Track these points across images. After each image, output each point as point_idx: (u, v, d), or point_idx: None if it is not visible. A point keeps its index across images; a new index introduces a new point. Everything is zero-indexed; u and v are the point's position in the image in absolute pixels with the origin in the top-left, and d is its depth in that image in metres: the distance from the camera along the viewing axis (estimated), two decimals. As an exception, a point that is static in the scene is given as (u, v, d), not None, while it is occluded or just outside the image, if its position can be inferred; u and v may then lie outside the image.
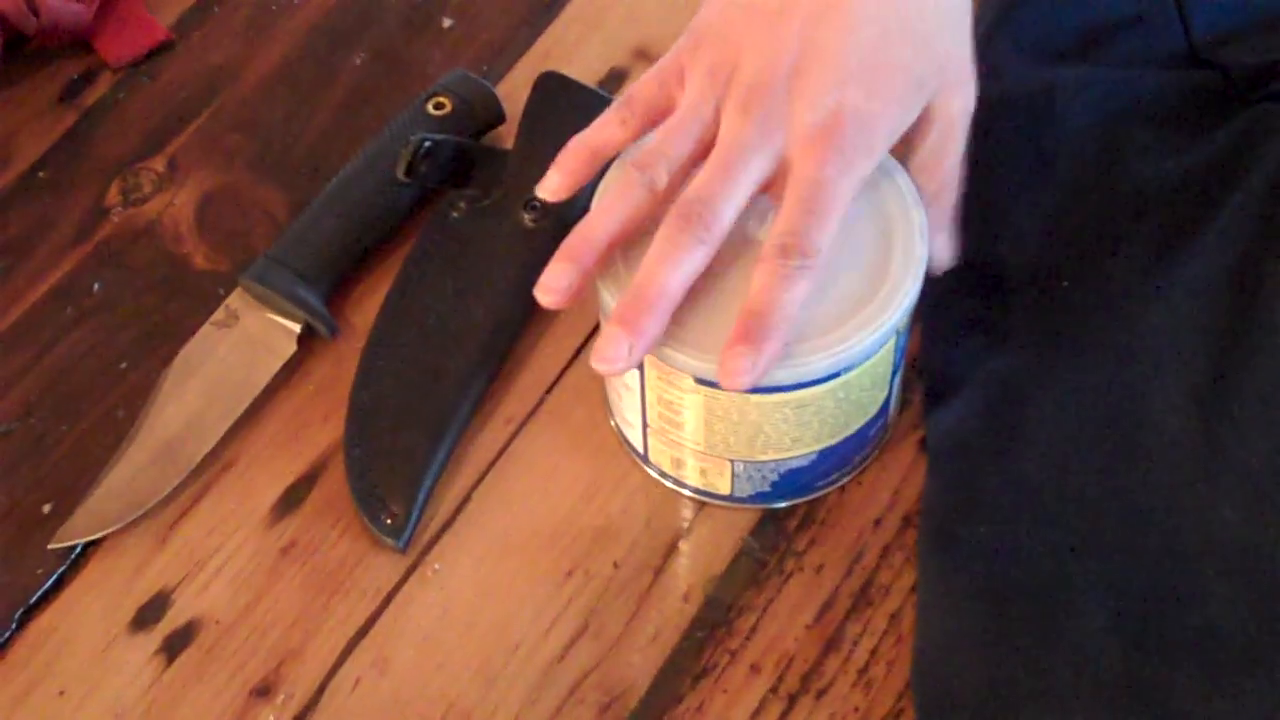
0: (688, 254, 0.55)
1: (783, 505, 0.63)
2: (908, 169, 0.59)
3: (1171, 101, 0.68)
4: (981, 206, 0.64)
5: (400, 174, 0.67)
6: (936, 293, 0.60)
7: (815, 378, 0.57)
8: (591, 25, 0.76)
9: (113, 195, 0.72)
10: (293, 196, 0.71)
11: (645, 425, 0.62)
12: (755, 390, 0.57)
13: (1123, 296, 0.63)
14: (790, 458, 0.60)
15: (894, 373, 0.61)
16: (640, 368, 0.59)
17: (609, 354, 0.54)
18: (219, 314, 0.67)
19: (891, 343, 0.58)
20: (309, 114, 0.74)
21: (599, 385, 0.66)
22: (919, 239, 0.58)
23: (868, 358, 0.58)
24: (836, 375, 0.57)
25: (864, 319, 0.57)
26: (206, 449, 0.65)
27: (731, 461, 0.61)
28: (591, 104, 0.70)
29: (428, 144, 0.67)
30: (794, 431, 0.59)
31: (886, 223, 0.58)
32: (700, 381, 0.57)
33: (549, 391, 0.67)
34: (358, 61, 0.75)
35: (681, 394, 0.58)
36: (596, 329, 0.68)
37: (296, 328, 0.67)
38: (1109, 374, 0.61)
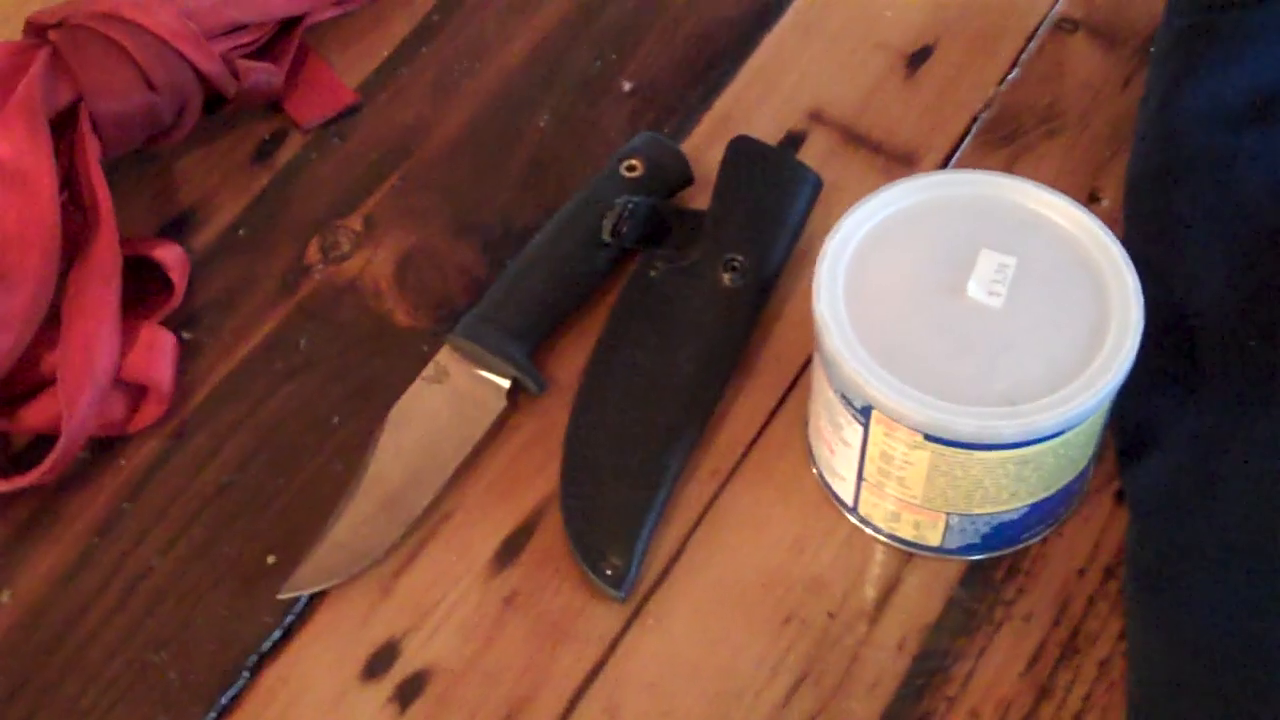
0: None
1: (988, 556, 0.65)
2: None
3: (1346, 165, 0.70)
4: (1166, 267, 0.66)
5: (606, 235, 0.69)
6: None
7: (1040, 435, 0.59)
8: (767, 88, 0.78)
9: (313, 253, 0.74)
10: (488, 256, 0.73)
11: (860, 479, 0.64)
12: (981, 446, 0.59)
13: (1310, 354, 0.66)
14: (1004, 511, 0.63)
15: (1103, 429, 0.63)
16: (865, 425, 0.61)
17: None
18: (430, 370, 0.69)
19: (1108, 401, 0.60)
20: (497, 175, 0.76)
21: (801, 439, 0.68)
22: (1134, 301, 0.61)
23: (1089, 416, 0.60)
24: (1060, 434, 0.60)
25: (1088, 379, 0.59)
26: (427, 501, 0.66)
27: (947, 515, 0.63)
28: (782, 166, 0.73)
29: (631, 205, 0.69)
30: (1012, 486, 0.61)
31: (1100, 284, 0.61)
32: (929, 439, 0.60)
33: (752, 445, 0.69)
34: (541, 124, 0.77)
35: (909, 450, 0.61)
36: (794, 385, 0.70)
37: (506, 383, 0.68)
38: (1303, 428, 0.64)
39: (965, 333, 0.60)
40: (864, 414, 0.61)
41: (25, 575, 0.66)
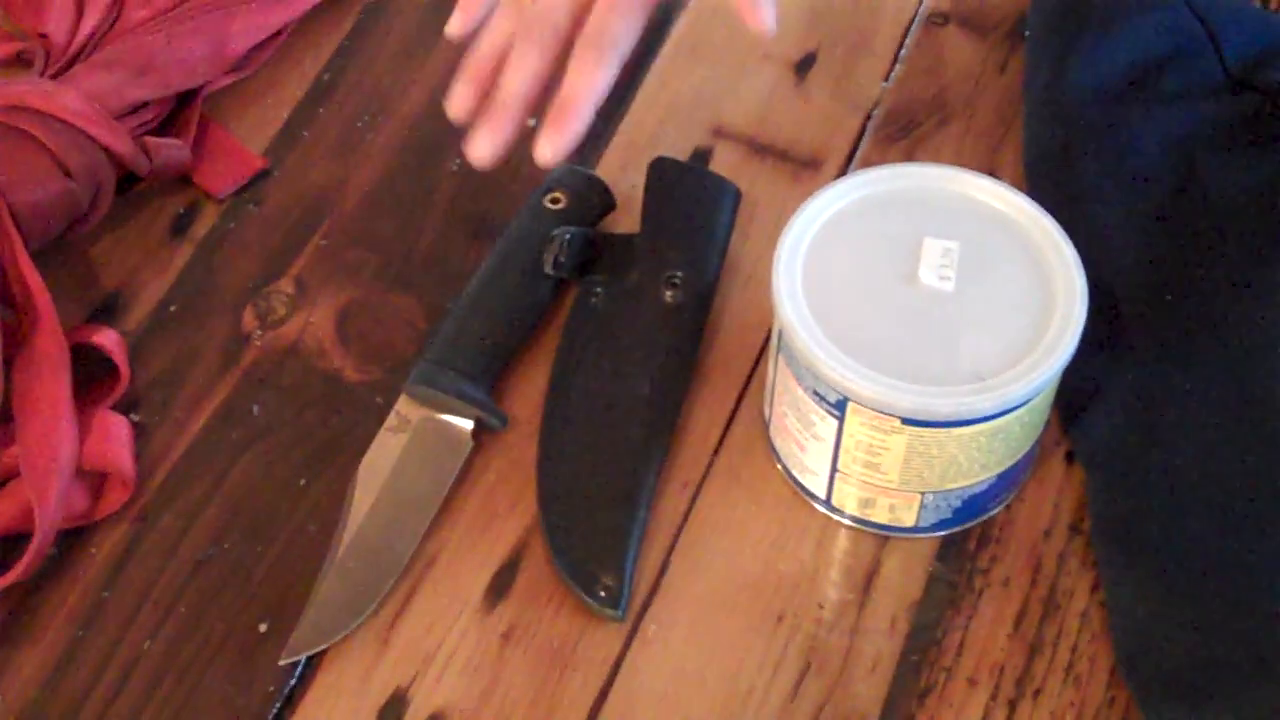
0: (532, 60, 0.68)
1: (959, 529, 0.67)
2: None
3: (1225, 125, 0.74)
4: (1077, 237, 0.69)
5: (548, 268, 0.70)
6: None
7: (1010, 405, 0.62)
8: (667, 109, 0.80)
9: (249, 320, 0.74)
10: (425, 302, 0.74)
11: (834, 471, 0.66)
12: (957, 423, 0.62)
13: (1224, 301, 0.69)
14: (973, 484, 0.65)
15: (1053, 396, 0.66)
16: (840, 418, 0.63)
17: (480, 145, 0.69)
18: (391, 420, 0.69)
19: (1060, 367, 0.63)
20: (419, 222, 0.77)
21: (762, 440, 0.70)
22: (1076, 270, 0.64)
23: (1051, 382, 0.63)
24: (1026, 402, 0.62)
25: (1047, 346, 0.62)
26: (411, 549, 0.67)
27: (922, 494, 0.65)
28: (704, 182, 0.75)
29: (568, 236, 0.71)
30: (982, 459, 0.64)
31: (1039, 258, 0.64)
32: (907, 422, 0.62)
33: (716, 453, 0.70)
34: (453, 168, 0.78)
35: (885, 436, 0.63)
36: (746, 389, 0.72)
37: (469, 424, 0.69)
38: (1229, 369, 0.67)
39: (924, 318, 0.63)
40: (839, 407, 0.63)
41: (12, 678, 0.65)
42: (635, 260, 0.72)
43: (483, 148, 0.69)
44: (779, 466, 0.68)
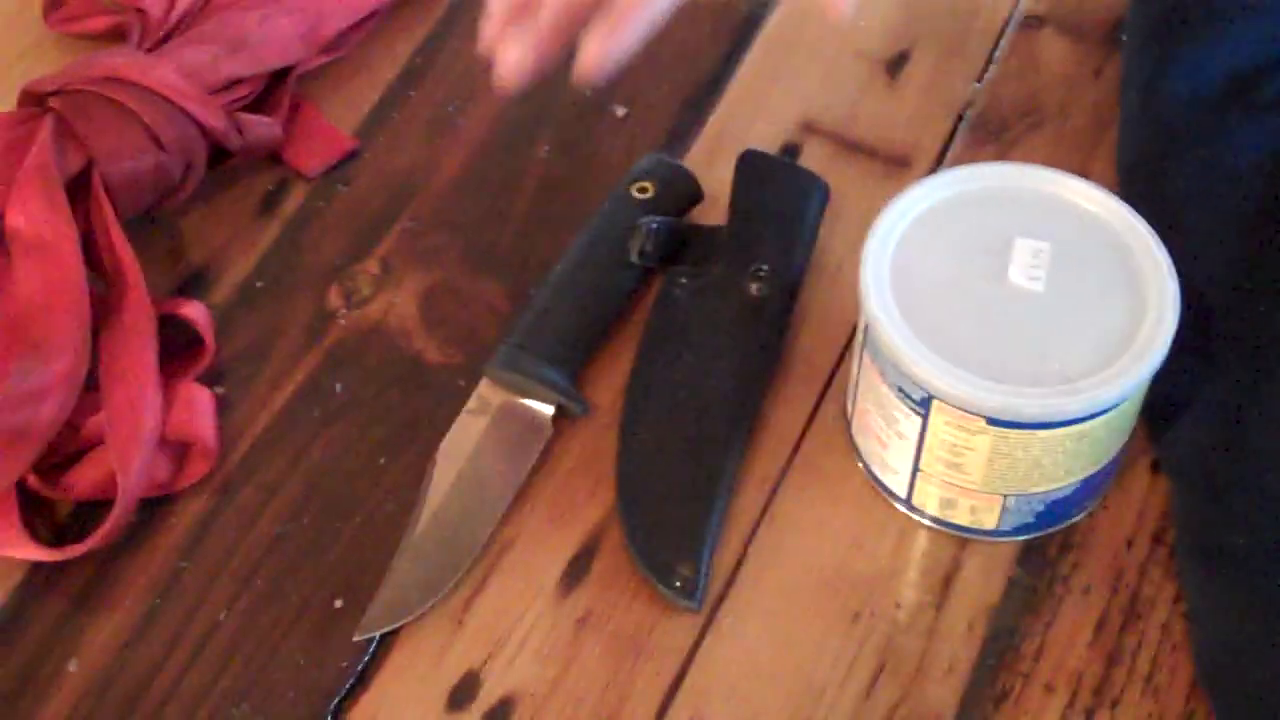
0: None
1: (1041, 534, 0.67)
2: None
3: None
4: (1169, 245, 0.68)
5: (634, 256, 0.70)
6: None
7: (1098, 409, 0.61)
8: (756, 103, 0.80)
9: (334, 299, 0.74)
10: (509, 287, 0.74)
11: (916, 471, 0.65)
12: (1043, 425, 0.61)
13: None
14: (1057, 488, 0.65)
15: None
16: (924, 416, 0.63)
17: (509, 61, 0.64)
18: (472, 403, 0.70)
19: (1150, 372, 0.63)
20: (506, 207, 0.77)
21: (843, 437, 0.69)
22: (1169, 273, 0.63)
23: (1141, 386, 0.62)
24: (1114, 406, 0.62)
25: (1138, 351, 0.62)
26: (488, 532, 0.67)
27: (1004, 497, 0.65)
28: (792, 176, 0.74)
29: (654, 225, 0.71)
30: (1067, 463, 0.63)
31: (1131, 261, 0.64)
32: (992, 423, 0.61)
33: (797, 449, 0.70)
34: (542, 154, 0.78)
35: (970, 436, 0.62)
36: (828, 386, 0.71)
37: (550, 410, 0.69)
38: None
39: (1012, 318, 0.62)
40: (923, 405, 0.62)
41: (89, 643, 0.65)
42: (721, 252, 0.72)
43: (510, 53, 0.63)
44: (860, 464, 0.68)
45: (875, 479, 0.68)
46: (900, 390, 0.63)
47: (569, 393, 0.70)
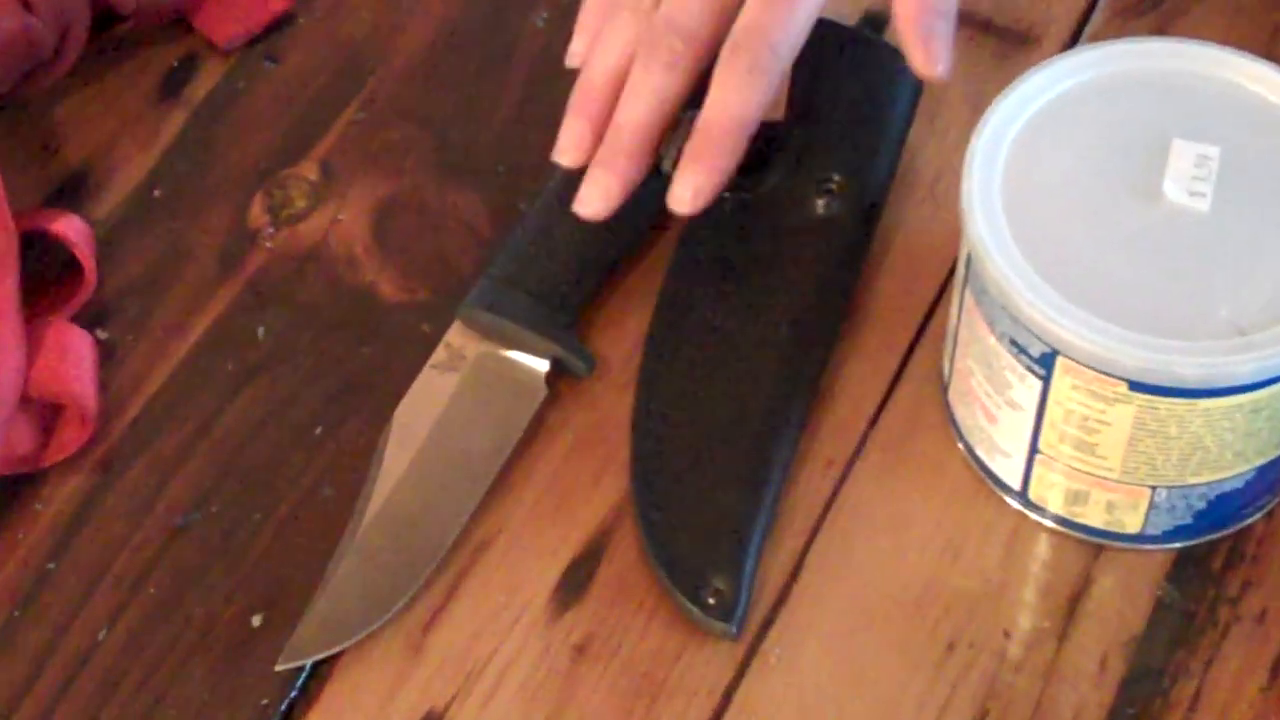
0: (657, 79, 0.66)
1: (1201, 541, 0.66)
2: None
3: None
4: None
5: (666, 164, 0.69)
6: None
7: (1280, 372, 0.61)
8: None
9: (257, 214, 0.74)
10: (491, 200, 0.74)
11: (1034, 453, 0.65)
12: (1206, 393, 0.60)
13: None
14: (1225, 479, 0.64)
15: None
16: (1045, 378, 0.62)
17: (590, 195, 0.67)
18: (439, 354, 0.69)
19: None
20: (491, 93, 0.76)
21: (938, 407, 0.69)
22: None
23: (1338, 343, 0.61)
24: (1303, 368, 0.61)
25: (1336, 295, 0.61)
26: (457, 528, 0.66)
27: (1152, 489, 0.64)
28: (876, 56, 0.74)
29: (692, 120, 0.70)
30: (1238, 444, 0.63)
31: None
32: (1136, 387, 0.61)
33: (875, 421, 0.69)
34: (539, 23, 0.78)
35: (1106, 406, 0.62)
36: (919, 338, 0.71)
37: (544, 366, 0.69)
38: None
39: (1167, 247, 0.62)
40: (1044, 363, 0.62)
41: (-76, 668, 0.65)
42: (779, 157, 0.71)
43: (592, 198, 0.68)
44: (959, 444, 0.68)
45: (979, 463, 0.68)
46: (1014, 345, 0.62)
47: (569, 343, 0.69)
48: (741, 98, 0.66)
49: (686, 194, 0.67)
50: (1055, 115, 0.65)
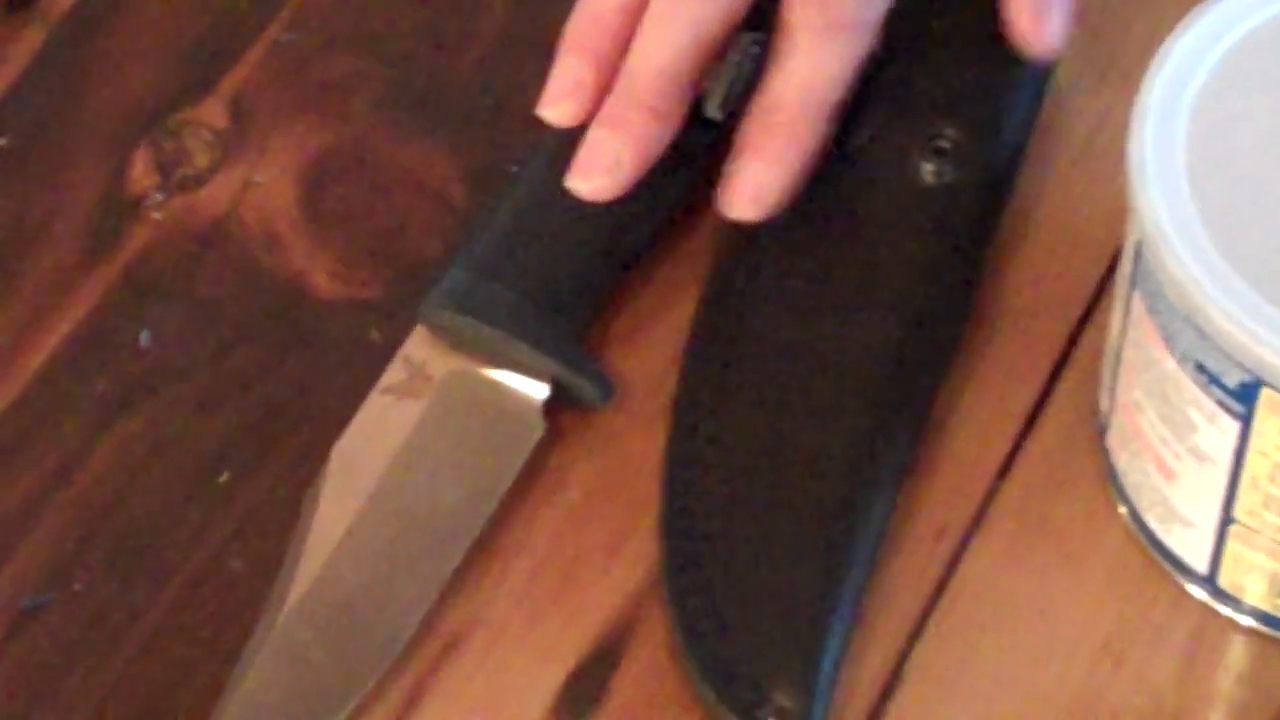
0: (693, 2, 0.66)
1: None
2: None
3: None
4: None
5: (711, 109, 0.70)
6: None
7: None
8: None
9: (140, 174, 0.75)
10: (467, 158, 0.75)
11: (1226, 521, 0.65)
12: None
13: None
14: None
15: None
16: (1246, 419, 0.62)
17: (590, 165, 0.68)
18: (394, 373, 0.70)
19: None
20: (466, 10, 0.77)
21: (1090, 458, 0.69)
22: None
23: None
24: None
25: None
26: (417, 619, 0.66)
27: (1393, 576, 0.64)
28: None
29: (754, 51, 0.70)
30: None
31: None
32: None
33: (1003, 474, 0.70)
34: (532, -89, 0.77)
35: (1333, 459, 0.61)
36: (1066, 359, 0.72)
37: (542, 391, 0.69)
38: None
39: None
40: (1244, 397, 0.62)
41: None
42: (872, 108, 0.72)
43: (593, 170, 0.69)
44: (1120, 509, 0.69)
45: (1149, 536, 0.68)
46: (1202, 370, 0.62)
47: (575, 360, 0.70)
48: (821, 62, 0.66)
49: (745, 195, 0.67)
50: (1255, 55, 0.65)
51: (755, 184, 0.66)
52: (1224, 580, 0.67)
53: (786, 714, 0.65)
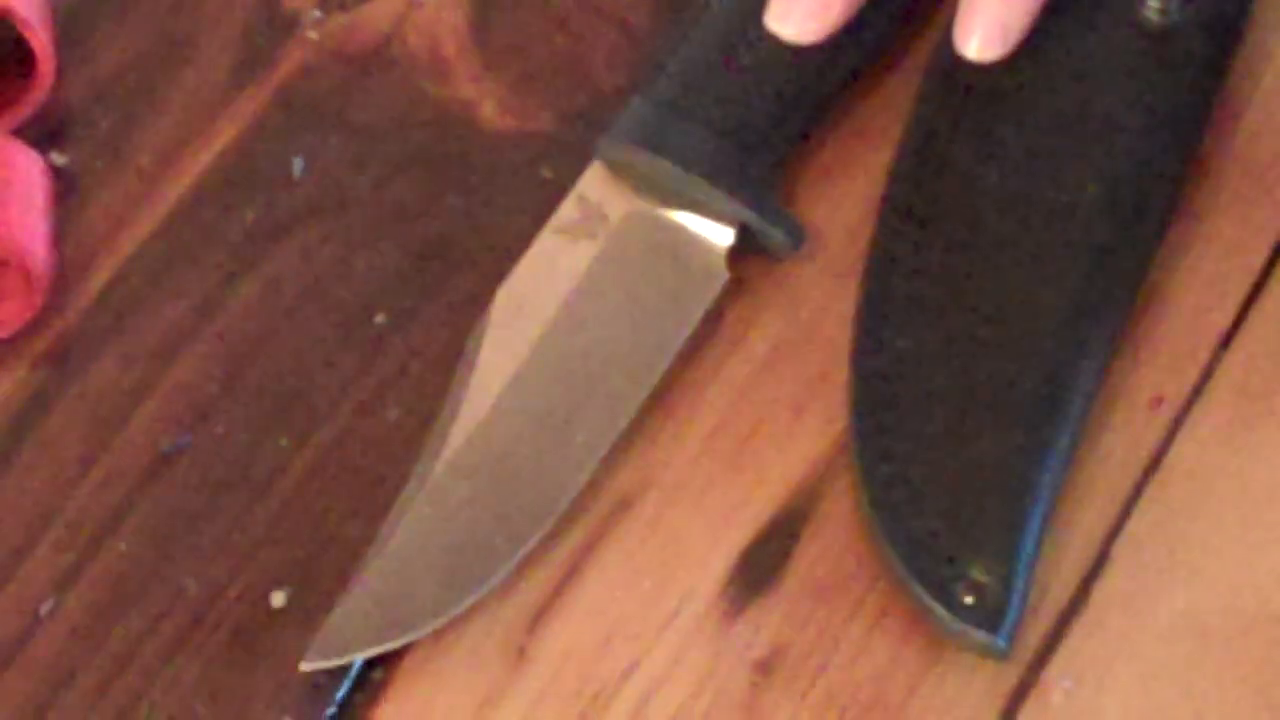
0: None
1: None
2: None
3: None
4: None
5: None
6: None
7: None
8: None
9: (296, -8, 0.73)
10: (658, -15, 0.72)
11: None
12: None
13: None
14: None
15: None
16: None
17: (794, 3, 0.68)
18: (567, 212, 0.69)
19: None
20: None
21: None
22: None
23: None
24: None
25: None
26: (584, 477, 0.66)
27: None
28: None
29: None
30: None
31: None
32: None
33: (1226, 343, 0.68)
34: None
35: None
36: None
37: (727, 237, 0.68)
38: None
39: None
40: None
41: None
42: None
43: (796, 10, 0.69)
44: None
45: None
46: None
47: (766, 206, 0.68)
48: None
49: (988, 33, 0.67)
50: None
51: (999, 20, 0.66)
52: None
53: (983, 590, 0.64)
